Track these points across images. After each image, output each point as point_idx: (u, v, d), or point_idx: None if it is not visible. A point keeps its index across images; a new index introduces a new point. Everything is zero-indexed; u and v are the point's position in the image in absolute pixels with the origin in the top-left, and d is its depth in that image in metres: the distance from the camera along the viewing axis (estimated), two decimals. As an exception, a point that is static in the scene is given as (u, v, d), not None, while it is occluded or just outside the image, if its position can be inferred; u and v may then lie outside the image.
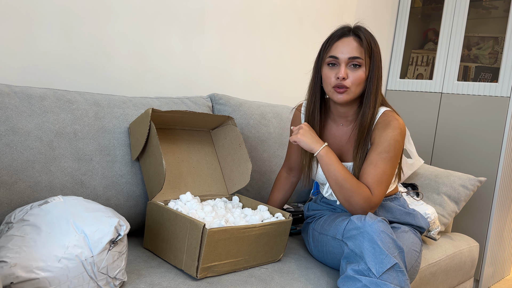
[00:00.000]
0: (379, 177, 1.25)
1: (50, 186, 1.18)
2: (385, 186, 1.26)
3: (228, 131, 1.51)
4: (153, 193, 1.28)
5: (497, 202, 2.28)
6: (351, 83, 1.26)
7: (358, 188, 1.23)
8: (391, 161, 1.27)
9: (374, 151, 1.27)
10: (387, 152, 1.26)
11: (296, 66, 2.27)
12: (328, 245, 1.29)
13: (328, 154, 1.27)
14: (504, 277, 2.60)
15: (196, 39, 1.84)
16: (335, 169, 1.25)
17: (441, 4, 2.54)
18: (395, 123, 1.27)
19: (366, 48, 1.26)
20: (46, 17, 1.42)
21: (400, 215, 1.40)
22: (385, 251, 1.07)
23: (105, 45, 1.58)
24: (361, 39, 1.27)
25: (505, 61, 2.27)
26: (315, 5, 2.29)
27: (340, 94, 1.27)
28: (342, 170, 1.25)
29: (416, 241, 1.34)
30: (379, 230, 1.11)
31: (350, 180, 1.24)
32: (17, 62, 1.39)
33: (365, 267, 1.07)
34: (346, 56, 1.25)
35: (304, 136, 1.28)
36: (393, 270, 1.06)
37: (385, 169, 1.26)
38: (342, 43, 1.27)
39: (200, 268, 1.10)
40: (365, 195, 1.23)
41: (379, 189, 1.25)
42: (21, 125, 1.17)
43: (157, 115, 1.31)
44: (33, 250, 0.89)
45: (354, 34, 1.28)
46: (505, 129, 2.25)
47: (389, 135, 1.26)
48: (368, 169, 1.26)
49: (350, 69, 1.26)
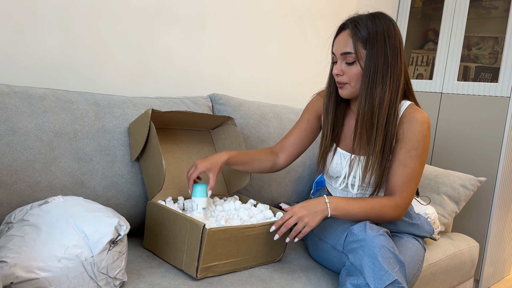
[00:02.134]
0: (409, 177, 1.22)
1: (50, 186, 1.18)
2: (415, 184, 1.23)
3: (228, 131, 1.51)
4: (153, 193, 1.28)
5: (497, 202, 2.28)
6: (348, 79, 1.23)
7: (382, 207, 1.20)
8: (421, 158, 1.22)
9: (403, 148, 1.22)
10: (416, 149, 1.21)
11: (296, 66, 2.27)
12: (327, 253, 1.28)
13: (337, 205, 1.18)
14: (504, 277, 2.60)
15: (196, 39, 1.84)
16: (354, 214, 1.19)
17: (441, 4, 2.54)
18: (421, 117, 1.22)
19: (360, 40, 1.19)
20: (46, 17, 1.42)
21: (404, 227, 1.37)
22: (384, 267, 1.06)
23: (105, 45, 1.58)
24: (355, 32, 1.20)
25: (505, 61, 2.27)
26: (315, 5, 2.29)
27: (341, 90, 1.26)
28: (360, 209, 1.19)
29: (419, 251, 1.32)
30: (380, 244, 1.09)
31: (371, 209, 1.19)
32: (17, 62, 1.39)
33: (363, 282, 1.06)
34: (339, 52, 1.23)
35: (306, 216, 1.15)
36: (392, 287, 1.05)
37: (415, 168, 1.22)
38: (338, 38, 1.24)
39: (200, 268, 1.10)
40: (391, 208, 1.21)
41: (408, 189, 1.22)
42: (21, 125, 1.17)
43: (157, 115, 1.31)
44: (33, 250, 0.89)
45: (352, 26, 1.21)
46: (505, 129, 2.25)
47: (417, 130, 1.21)
48: (397, 170, 1.23)
49: (346, 65, 1.23)
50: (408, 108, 1.25)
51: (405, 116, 1.24)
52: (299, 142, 1.43)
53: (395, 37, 1.20)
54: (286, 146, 1.43)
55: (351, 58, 1.21)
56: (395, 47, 1.20)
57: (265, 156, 1.40)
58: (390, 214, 1.21)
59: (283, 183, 1.78)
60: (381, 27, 1.19)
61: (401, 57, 1.22)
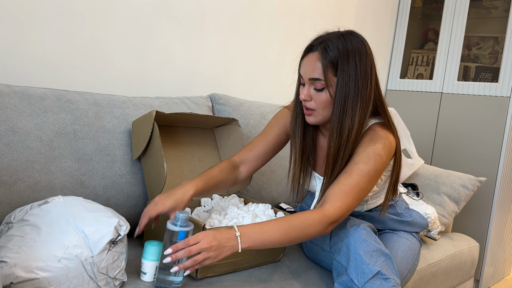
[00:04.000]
0: (349, 188, 1.09)
1: (50, 186, 1.18)
2: (353, 199, 1.09)
3: (232, 130, 1.51)
4: (153, 194, 1.28)
5: (497, 202, 2.28)
6: (316, 106, 1.14)
7: (304, 222, 1.05)
8: (368, 175, 1.11)
9: (351, 161, 1.13)
10: (365, 164, 1.11)
11: (296, 66, 2.27)
12: (319, 255, 1.29)
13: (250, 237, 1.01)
14: (504, 277, 2.60)
15: (196, 39, 1.84)
16: (271, 240, 1.02)
17: (441, 4, 2.54)
18: (380, 138, 1.14)
19: (330, 66, 1.10)
20: (46, 17, 1.42)
21: (393, 224, 1.35)
22: (366, 260, 1.05)
23: (105, 45, 1.58)
24: (324, 55, 1.10)
25: (505, 61, 2.27)
26: (315, 5, 2.29)
27: (308, 116, 1.18)
28: (277, 232, 1.03)
29: (412, 245, 1.31)
30: (361, 239, 1.08)
31: (291, 227, 1.04)
32: (17, 62, 1.39)
33: (348, 278, 1.06)
34: (307, 76, 1.13)
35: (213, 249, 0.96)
36: (376, 279, 1.03)
37: (359, 181, 1.10)
38: (307, 60, 1.14)
39: (200, 268, 1.10)
40: (316, 220, 1.05)
41: (344, 201, 1.08)
42: (21, 125, 1.17)
43: (160, 116, 1.31)
44: (33, 250, 0.89)
45: (321, 48, 1.11)
46: (505, 129, 2.25)
47: (369, 148, 1.13)
48: (340, 178, 1.12)
49: (314, 91, 1.14)
50: (369, 129, 1.17)
51: (365, 136, 1.16)
52: (264, 156, 1.31)
53: (366, 58, 1.12)
54: (250, 160, 1.31)
55: (319, 84, 1.12)
56: (366, 69, 1.12)
57: (227, 175, 1.26)
58: (314, 228, 1.05)
59: (283, 183, 1.78)
60: (351, 49, 1.11)
61: (371, 79, 1.13)
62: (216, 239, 0.97)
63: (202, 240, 0.95)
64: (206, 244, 0.95)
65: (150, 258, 1.06)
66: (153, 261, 1.06)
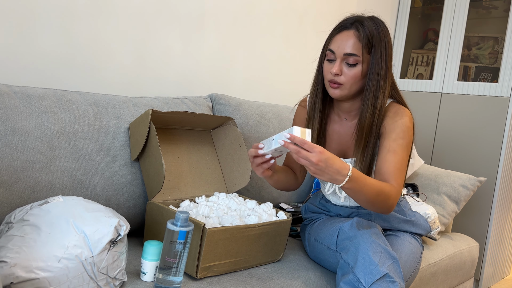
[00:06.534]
0: (399, 164, 1.18)
1: (50, 186, 1.18)
2: (404, 174, 1.20)
3: (229, 131, 1.51)
4: (153, 193, 1.28)
5: (497, 202, 2.28)
6: (345, 80, 1.21)
7: (389, 192, 1.12)
8: (407, 147, 1.21)
9: (389, 138, 1.21)
10: (402, 138, 1.20)
11: (296, 66, 2.27)
12: (323, 254, 1.29)
13: (357, 179, 1.06)
14: (504, 277, 2.60)
15: (196, 39, 1.84)
16: (364, 195, 1.08)
17: (441, 4, 2.54)
18: (404, 111, 1.24)
19: (366, 43, 1.19)
20: (46, 17, 1.42)
21: (398, 224, 1.36)
22: (375, 261, 1.05)
23: (105, 45, 1.58)
24: (360, 34, 1.19)
25: (505, 61, 2.27)
26: (315, 5, 2.29)
27: (334, 89, 1.23)
28: (371, 191, 1.09)
29: (415, 249, 1.32)
30: (370, 240, 1.09)
31: (381, 191, 1.10)
32: (17, 62, 1.39)
33: (354, 278, 1.06)
34: (342, 51, 1.20)
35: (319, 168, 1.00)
36: (384, 281, 1.04)
37: (403, 156, 1.19)
38: (341, 37, 1.21)
39: (200, 268, 1.10)
40: (394, 194, 1.13)
41: (401, 177, 1.18)
42: (21, 125, 1.17)
43: (157, 116, 1.31)
44: (33, 250, 0.89)
45: (356, 27, 1.20)
46: (505, 129, 2.25)
47: (400, 121, 1.22)
48: (387, 157, 1.18)
49: (346, 65, 1.21)
50: (390, 105, 1.27)
51: (388, 111, 1.25)
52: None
53: (390, 42, 1.24)
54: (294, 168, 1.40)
55: (353, 60, 1.19)
56: (391, 51, 1.24)
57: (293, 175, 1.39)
58: (392, 202, 1.14)
59: (283, 183, 1.77)
60: (382, 32, 1.21)
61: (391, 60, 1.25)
62: (326, 163, 1.00)
63: (315, 153, 0.99)
64: (315, 158, 0.98)
65: (150, 258, 1.06)
66: (153, 261, 1.06)
